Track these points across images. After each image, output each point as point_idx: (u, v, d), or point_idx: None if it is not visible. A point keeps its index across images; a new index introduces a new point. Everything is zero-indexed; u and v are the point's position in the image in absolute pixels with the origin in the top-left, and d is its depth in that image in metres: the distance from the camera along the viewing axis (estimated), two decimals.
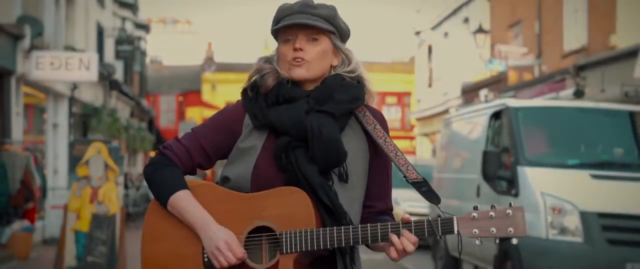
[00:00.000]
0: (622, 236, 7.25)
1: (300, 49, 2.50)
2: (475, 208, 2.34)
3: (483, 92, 22.36)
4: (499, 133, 8.63)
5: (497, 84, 22.72)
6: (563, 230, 7.25)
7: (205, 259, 2.46)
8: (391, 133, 2.60)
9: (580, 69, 16.71)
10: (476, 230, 2.32)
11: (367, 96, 2.58)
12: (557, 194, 7.39)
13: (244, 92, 2.58)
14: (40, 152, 15.19)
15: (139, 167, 29.04)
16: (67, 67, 13.89)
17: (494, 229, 2.32)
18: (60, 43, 16.73)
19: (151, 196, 2.60)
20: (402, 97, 40.33)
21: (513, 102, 8.76)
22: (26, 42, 13.54)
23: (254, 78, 2.57)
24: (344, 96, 2.50)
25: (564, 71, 17.29)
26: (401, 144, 36.74)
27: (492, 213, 2.33)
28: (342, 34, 2.58)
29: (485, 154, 8.03)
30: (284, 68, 2.52)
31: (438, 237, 2.37)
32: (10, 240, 11.85)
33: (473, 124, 9.75)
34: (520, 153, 7.90)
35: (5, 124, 12.98)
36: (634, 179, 7.65)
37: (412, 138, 35.92)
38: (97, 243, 8.89)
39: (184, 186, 2.49)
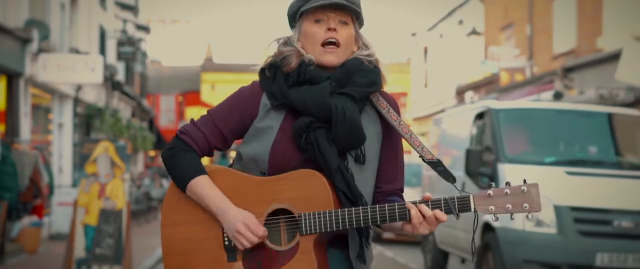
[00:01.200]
0: (593, 228, 7.80)
1: (335, 30, 2.53)
2: (490, 186, 2.40)
3: (469, 95, 22.91)
4: (482, 133, 9.18)
5: (490, 85, 23.28)
6: (539, 222, 7.80)
7: (226, 243, 2.51)
8: None
9: (568, 70, 17.29)
10: (492, 207, 2.38)
11: (382, 81, 2.61)
12: None
13: (262, 72, 2.59)
14: (46, 151, 15.71)
15: (139, 166, 29.56)
16: (73, 69, 14.44)
17: (509, 206, 2.37)
18: (65, 45, 17.27)
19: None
20: (399, 98, 40.78)
21: (495, 104, 9.33)
22: (34, 46, 14.08)
23: (271, 60, 2.58)
24: (363, 80, 2.53)
25: (552, 73, 17.87)
26: None
27: (507, 190, 2.38)
28: (361, 22, 2.65)
29: (468, 152, 8.58)
30: (314, 50, 2.54)
31: (456, 215, 2.40)
32: (20, 235, 12.36)
33: (459, 124, 10.31)
34: (501, 151, 8.46)
35: (15, 124, 13.52)
36: (605, 175, 8.21)
37: None
38: (104, 236, 9.39)
39: (203, 171, 2.54)
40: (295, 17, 2.60)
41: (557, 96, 9.92)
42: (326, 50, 2.53)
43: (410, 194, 9.89)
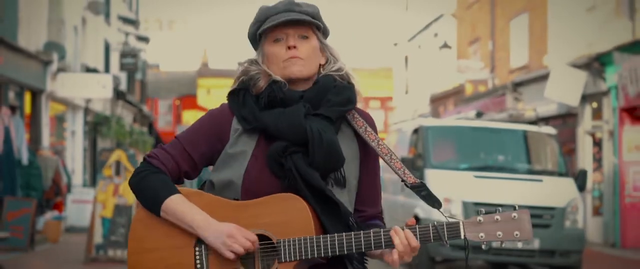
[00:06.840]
0: None
1: (294, 47, 2.39)
2: (480, 212, 2.31)
3: (415, 111, 25.65)
4: (416, 144, 11.60)
5: (457, 94, 25.58)
6: (451, 215, 10.16)
7: (198, 268, 2.35)
8: None
9: (518, 85, 19.64)
10: (482, 234, 2.29)
11: (357, 97, 2.48)
12: (449, 189, 10.33)
13: (231, 95, 2.45)
14: (62, 154, 18.03)
15: None
16: (86, 86, 16.83)
17: (500, 233, 2.28)
18: (78, 62, 19.62)
19: None
20: (384, 102, 42.44)
21: (425, 122, 11.79)
22: (54, 66, 16.47)
23: (240, 79, 2.45)
24: (337, 98, 2.40)
25: (505, 87, 20.22)
26: None
27: (497, 217, 2.30)
28: (325, 32, 2.50)
29: (402, 160, 10.96)
30: (277, 69, 2.40)
31: (444, 242, 2.30)
32: (44, 227, 14.61)
33: (404, 136, 12.74)
34: (427, 159, 10.84)
35: (38, 134, 15.91)
36: (503, 178, 10.58)
37: None
38: (118, 226, 11.54)
39: (176, 190, 2.38)
40: (255, 39, 2.49)
41: (479, 115, 12.25)
42: (289, 61, 2.39)
43: None
